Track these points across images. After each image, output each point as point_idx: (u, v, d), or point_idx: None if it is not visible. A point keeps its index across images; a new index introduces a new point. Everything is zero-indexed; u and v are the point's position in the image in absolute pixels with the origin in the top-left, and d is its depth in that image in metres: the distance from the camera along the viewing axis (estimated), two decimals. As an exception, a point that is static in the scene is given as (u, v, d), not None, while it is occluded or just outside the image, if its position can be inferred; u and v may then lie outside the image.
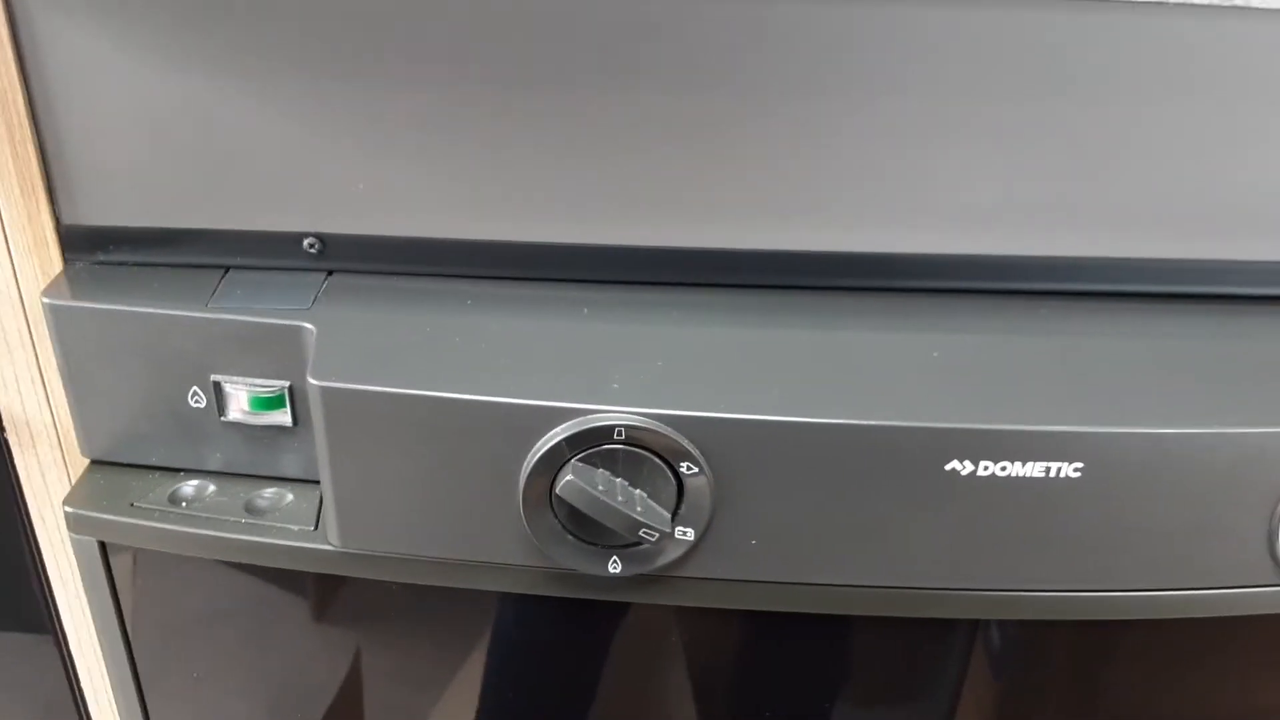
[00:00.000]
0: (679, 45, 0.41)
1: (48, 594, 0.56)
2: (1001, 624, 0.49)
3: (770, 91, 0.43)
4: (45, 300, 0.45)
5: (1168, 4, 0.36)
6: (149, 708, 0.55)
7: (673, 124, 0.43)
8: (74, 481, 0.50)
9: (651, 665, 0.53)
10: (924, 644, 0.50)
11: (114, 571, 0.50)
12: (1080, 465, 0.40)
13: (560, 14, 0.41)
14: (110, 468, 0.49)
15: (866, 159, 0.44)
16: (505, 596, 0.49)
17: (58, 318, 0.45)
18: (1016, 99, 0.43)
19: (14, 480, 0.53)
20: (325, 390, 0.40)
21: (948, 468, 0.40)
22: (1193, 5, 0.36)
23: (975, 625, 0.49)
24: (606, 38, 0.41)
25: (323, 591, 0.50)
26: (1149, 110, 0.43)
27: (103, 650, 0.53)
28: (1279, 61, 0.42)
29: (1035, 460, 0.40)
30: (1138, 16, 0.40)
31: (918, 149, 0.44)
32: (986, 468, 0.40)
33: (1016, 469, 0.40)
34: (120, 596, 0.50)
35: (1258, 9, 0.36)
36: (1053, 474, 0.40)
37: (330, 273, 0.47)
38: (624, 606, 0.50)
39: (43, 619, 0.57)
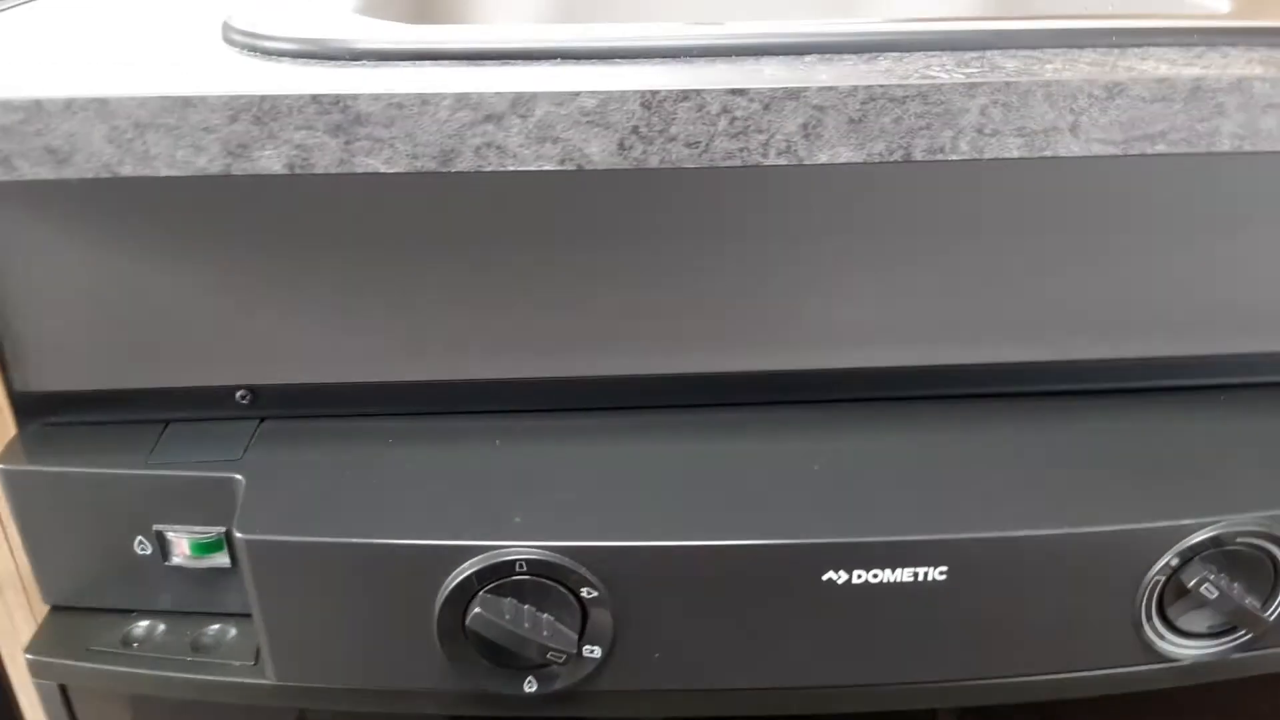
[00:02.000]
0: (573, 205, 0.46)
1: (21, 727, 0.59)
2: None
3: (654, 239, 0.47)
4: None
5: (983, 160, 0.40)
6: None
7: (567, 270, 0.48)
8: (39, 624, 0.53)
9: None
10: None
11: (75, 708, 0.53)
12: (945, 569, 0.44)
13: (456, 186, 0.45)
14: (68, 612, 0.53)
15: (752, 289, 0.48)
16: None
17: (11, 481, 0.49)
18: (881, 237, 0.47)
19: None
20: (250, 542, 0.44)
21: (825, 578, 0.44)
22: (1006, 160, 0.40)
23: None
24: (496, 203, 0.46)
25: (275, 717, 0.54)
26: (997, 240, 0.47)
27: (71, 783, 0.56)
28: (1097, 200, 0.47)
29: (903, 566, 0.44)
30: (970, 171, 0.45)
31: (796, 279, 0.48)
32: (860, 575, 0.44)
33: (887, 575, 0.44)
34: (83, 732, 0.54)
35: (1074, 156, 0.41)
36: (921, 578, 0.44)
37: (262, 420, 0.51)
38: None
39: (17, 751, 0.60)
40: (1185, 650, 0.47)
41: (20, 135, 0.38)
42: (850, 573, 0.44)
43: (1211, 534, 0.44)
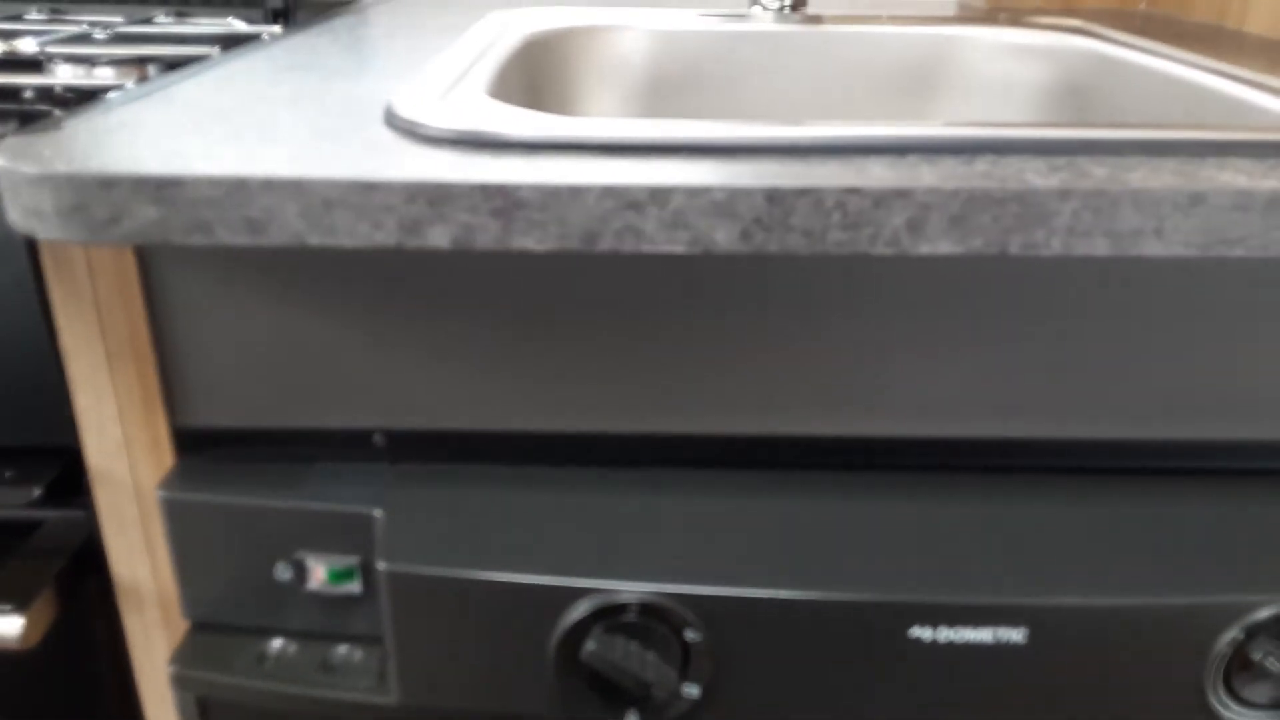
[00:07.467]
0: (679, 281, 0.51)
1: (146, 738, 0.64)
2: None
3: (763, 315, 0.52)
4: (160, 493, 0.54)
5: (1070, 258, 0.44)
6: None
7: (678, 340, 0.53)
8: (172, 640, 0.59)
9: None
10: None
11: (208, 720, 0.58)
12: (1024, 631, 0.47)
13: (576, 263, 0.50)
14: (206, 629, 0.58)
15: (849, 360, 0.53)
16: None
17: (170, 508, 0.54)
18: (967, 318, 0.51)
19: (122, 639, 0.62)
20: (390, 572, 0.49)
21: (911, 634, 0.48)
22: (1091, 258, 0.44)
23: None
24: (617, 281, 0.51)
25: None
26: (1075, 324, 0.51)
27: (195, 791, 0.61)
28: (1174, 296, 0.50)
29: (985, 626, 0.47)
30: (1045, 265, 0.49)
31: (888, 352, 0.53)
32: (944, 634, 0.47)
33: (970, 634, 0.47)
34: (213, 743, 0.58)
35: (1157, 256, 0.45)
36: (1001, 639, 0.47)
37: (395, 462, 0.56)
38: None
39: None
40: (1250, 721, 0.50)
41: (222, 207, 0.44)
42: (935, 629, 0.47)
43: (1277, 610, 0.47)
